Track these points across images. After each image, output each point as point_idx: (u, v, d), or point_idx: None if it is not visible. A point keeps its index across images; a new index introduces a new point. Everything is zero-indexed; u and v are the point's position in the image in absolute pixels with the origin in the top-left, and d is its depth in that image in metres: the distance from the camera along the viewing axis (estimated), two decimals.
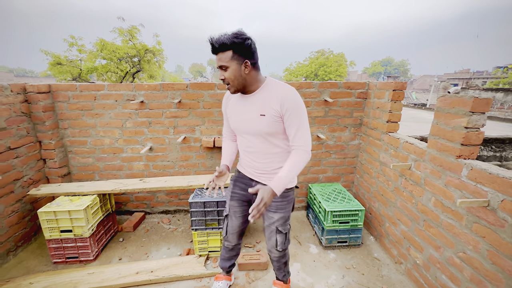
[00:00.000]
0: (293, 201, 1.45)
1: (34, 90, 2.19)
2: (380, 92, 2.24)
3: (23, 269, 1.97)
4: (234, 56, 1.11)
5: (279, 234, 1.43)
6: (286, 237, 1.46)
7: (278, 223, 1.40)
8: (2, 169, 1.97)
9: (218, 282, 1.75)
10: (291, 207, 1.44)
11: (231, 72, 1.14)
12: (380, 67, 47.86)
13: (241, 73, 1.15)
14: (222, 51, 1.11)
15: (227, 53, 1.11)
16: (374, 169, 2.33)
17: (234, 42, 1.09)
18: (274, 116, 1.19)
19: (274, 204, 1.38)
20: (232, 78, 1.16)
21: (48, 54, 10.06)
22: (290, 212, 1.44)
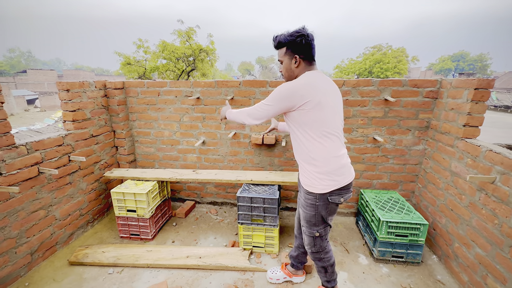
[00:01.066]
0: (315, 209, 1.38)
1: (111, 86, 2.53)
2: (456, 91, 1.93)
3: (97, 239, 2.31)
4: (286, 52, 1.30)
5: (304, 234, 1.50)
6: (314, 242, 1.47)
7: (303, 222, 1.48)
8: (86, 153, 2.33)
9: (276, 269, 1.87)
10: (315, 214, 1.39)
11: (283, 65, 1.35)
12: (450, 62, 41.59)
13: (291, 67, 1.32)
14: (279, 47, 1.32)
15: (282, 49, 1.31)
16: (442, 179, 2.04)
17: (288, 40, 1.27)
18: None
19: (300, 199, 1.48)
20: (284, 71, 1.36)
21: (121, 56, 11.58)
22: (316, 219, 1.40)
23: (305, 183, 1.38)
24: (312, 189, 1.35)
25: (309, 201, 1.38)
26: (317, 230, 1.43)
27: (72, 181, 2.21)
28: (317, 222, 1.41)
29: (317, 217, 1.40)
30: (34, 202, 1.88)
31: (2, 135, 1.66)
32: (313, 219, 1.41)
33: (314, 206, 1.37)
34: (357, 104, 2.30)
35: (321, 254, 1.50)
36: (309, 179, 1.36)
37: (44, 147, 1.94)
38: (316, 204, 1.37)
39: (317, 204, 1.37)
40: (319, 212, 1.38)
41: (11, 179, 1.71)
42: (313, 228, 1.43)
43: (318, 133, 1.27)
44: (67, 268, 1.94)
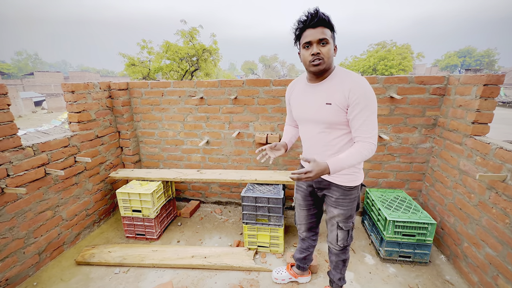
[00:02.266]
0: (358, 199, 1.40)
1: (116, 87, 2.55)
2: (464, 88, 1.88)
3: (103, 238, 2.33)
4: (332, 35, 1.13)
5: (340, 230, 1.43)
6: (348, 234, 1.44)
7: (339, 219, 1.40)
8: (91, 154, 2.35)
9: (281, 269, 1.85)
10: (355, 205, 1.40)
11: (329, 48, 1.12)
12: (456, 59, 40.84)
13: (333, 53, 1.15)
14: (325, 26, 1.10)
15: (328, 31, 1.11)
16: (450, 178, 1.99)
17: (333, 25, 1.12)
18: (340, 105, 1.16)
19: (335, 200, 1.37)
20: (329, 54, 1.13)
21: (125, 57, 11.68)
22: (353, 211, 1.40)
23: (348, 180, 1.31)
24: (355, 182, 1.33)
25: (352, 196, 1.35)
26: (352, 221, 1.43)
27: (78, 181, 2.23)
28: (354, 212, 1.41)
29: (355, 208, 1.40)
30: (41, 203, 1.91)
31: (9, 137, 1.68)
32: (353, 212, 1.40)
33: (356, 198, 1.38)
34: None
35: (348, 247, 1.51)
36: (353, 175, 1.31)
37: (50, 148, 1.96)
38: (357, 196, 1.38)
39: (358, 195, 1.38)
40: (358, 201, 1.40)
41: (18, 180, 1.73)
42: (349, 220, 1.41)
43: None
44: (74, 267, 1.96)
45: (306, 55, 1.14)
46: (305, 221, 1.61)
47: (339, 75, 1.18)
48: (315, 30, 1.09)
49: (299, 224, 1.65)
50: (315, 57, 1.12)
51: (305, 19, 1.10)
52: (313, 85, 1.24)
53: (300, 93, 1.32)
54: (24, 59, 54.68)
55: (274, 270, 1.86)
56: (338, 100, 1.16)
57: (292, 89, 1.39)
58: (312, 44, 1.11)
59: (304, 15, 1.10)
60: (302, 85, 1.31)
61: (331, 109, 1.18)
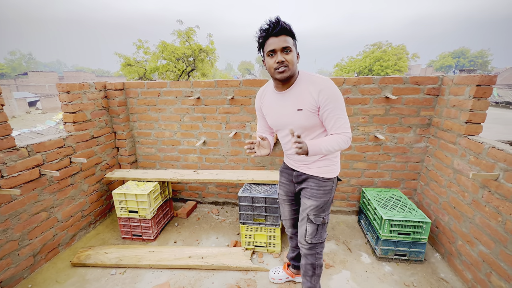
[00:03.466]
0: (331, 193, 1.41)
1: (112, 87, 2.53)
2: (458, 88, 1.91)
3: (99, 240, 2.32)
4: (294, 43, 1.18)
5: (309, 224, 1.43)
6: (317, 230, 1.43)
7: (310, 211, 1.41)
8: (87, 154, 2.34)
9: (278, 268, 1.86)
10: (329, 199, 1.41)
11: (292, 55, 1.16)
12: (451, 59, 41.35)
13: (296, 60, 1.19)
14: (287, 35, 1.14)
15: (290, 38, 1.15)
16: (444, 177, 2.02)
17: (294, 33, 1.17)
18: (311, 109, 1.21)
19: (309, 190, 1.40)
20: (293, 61, 1.17)
21: (121, 57, 11.59)
22: (326, 206, 1.41)
23: (324, 171, 1.36)
24: (331, 174, 1.37)
25: (326, 187, 1.38)
26: (323, 216, 1.42)
27: (74, 182, 2.21)
28: (327, 207, 1.42)
29: (329, 202, 1.42)
30: (36, 204, 1.89)
31: (3, 138, 1.66)
32: (325, 205, 1.41)
33: (331, 191, 1.40)
34: (358, 102, 2.29)
35: (317, 247, 1.47)
36: (329, 167, 1.36)
37: (45, 149, 1.94)
38: (332, 188, 1.40)
39: (332, 188, 1.40)
40: (332, 195, 1.42)
41: (12, 181, 1.71)
42: (320, 215, 1.41)
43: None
44: (70, 269, 1.94)
45: (271, 63, 1.17)
46: (289, 216, 1.63)
47: (304, 80, 1.23)
48: (278, 38, 1.13)
49: (284, 219, 1.67)
50: (280, 65, 1.15)
51: (268, 28, 1.13)
52: (281, 93, 1.28)
53: (271, 101, 1.34)
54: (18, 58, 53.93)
55: (271, 270, 1.87)
56: (308, 104, 1.20)
57: (262, 98, 1.41)
58: (276, 52, 1.14)
59: (266, 24, 1.14)
60: (271, 94, 1.34)
61: (303, 114, 1.22)
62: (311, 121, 1.24)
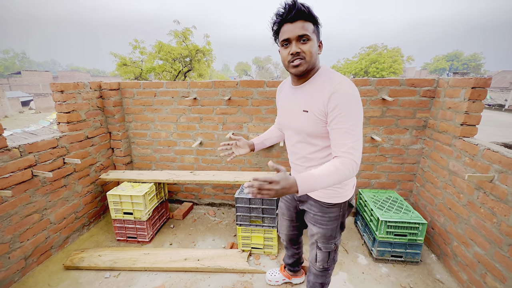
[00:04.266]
0: (340, 219, 1.23)
1: (107, 87, 2.50)
2: (453, 90, 1.93)
3: (93, 242, 2.27)
4: (315, 30, 0.97)
5: (319, 251, 1.30)
6: (329, 256, 1.31)
7: (318, 238, 1.27)
8: (81, 155, 2.30)
9: (275, 270, 1.83)
10: (337, 225, 1.23)
11: (311, 45, 0.95)
12: (445, 62, 42.01)
13: (316, 51, 0.99)
14: (305, 19, 0.94)
15: (309, 25, 0.94)
16: (440, 178, 2.04)
17: (315, 17, 0.96)
18: (318, 113, 0.99)
19: (313, 216, 1.24)
20: (312, 52, 0.96)
21: (117, 56, 11.49)
22: (335, 232, 1.23)
23: (326, 196, 1.16)
24: (338, 199, 1.16)
25: (332, 214, 1.19)
26: (334, 242, 1.26)
27: (67, 183, 2.17)
28: (337, 233, 1.25)
29: (338, 228, 1.23)
30: (27, 206, 1.84)
31: None
32: (334, 232, 1.22)
33: (338, 217, 1.20)
34: None
35: (329, 270, 1.37)
36: (333, 191, 1.15)
37: (38, 150, 1.90)
38: (339, 215, 1.20)
39: (341, 214, 1.20)
40: (341, 221, 1.22)
41: (3, 182, 1.67)
42: (331, 242, 1.25)
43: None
44: (63, 272, 1.90)
45: (284, 54, 0.98)
46: (286, 231, 1.52)
47: (323, 76, 1.02)
48: (293, 25, 0.93)
49: (280, 232, 1.58)
50: (295, 57, 0.96)
51: (283, 12, 0.94)
52: (295, 88, 1.10)
53: (285, 96, 1.19)
54: (11, 57, 53.13)
55: (267, 272, 1.85)
56: (316, 107, 0.99)
57: (280, 91, 1.26)
58: (291, 41, 0.95)
59: (282, 8, 0.94)
60: (287, 88, 1.17)
61: (308, 118, 1.02)
62: (315, 127, 1.03)
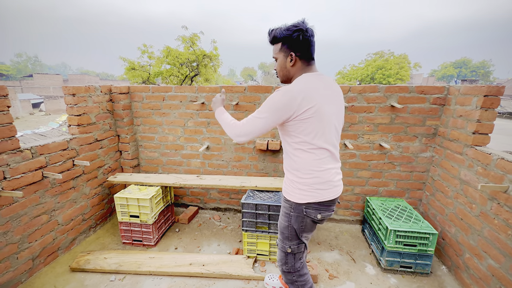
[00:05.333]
0: (290, 220, 1.27)
1: (117, 91, 2.54)
2: (464, 98, 1.90)
3: (99, 244, 2.28)
4: (282, 48, 1.17)
5: (278, 249, 1.40)
6: (285, 259, 1.35)
7: (279, 232, 1.38)
8: (90, 157, 2.33)
9: (275, 276, 1.82)
10: (287, 224, 1.28)
11: (278, 63, 1.22)
12: (452, 69, 41.61)
13: (286, 65, 1.19)
14: (275, 43, 1.19)
15: (277, 45, 1.18)
16: (451, 188, 1.99)
17: (283, 35, 1.13)
18: None
19: (282, 205, 1.37)
20: (278, 69, 1.23)
21: (125, 61, 11.71)
22: (287, 231, 1.30)
23: (284, 189, 1.31)
24: (289, 196, 1.26)
25: (285, 209, 1.31)
26: (289, 245, 1.31)
27: (76, 185, 2.19)
28: (290, 235, 1.30)
29: (290, 229, 1.29)
30: (37, 207, 1.87)
31: (7, 139, 1.66)
32: (286, 231, 1.31)
33: (289, 216, 1.28)
34: (363, 110, 2.28)
35: (293, 276, 1.38)
36: (288, 186, 1.28)
37: (49, 151, 1.93)
38: (290, 214, 1.27)
39: (291, 215, 1.27)
40: (292, 224, 1.27)
41: (15, 183, 1.70)
42: (285, 241, 1.33)
43: (307, 145, 1.15)
44: (69, 274, 1.91)
45: None
46: None
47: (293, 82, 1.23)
48: (272, 47, 1.21)
49: None
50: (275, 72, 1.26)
51: None
52: None
53: None
54: (24, 61, 54.68)
55: (267, 275, 1.83)
56: None
57: None
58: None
59: None
60: None
61: None
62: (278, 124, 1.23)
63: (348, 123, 2.33)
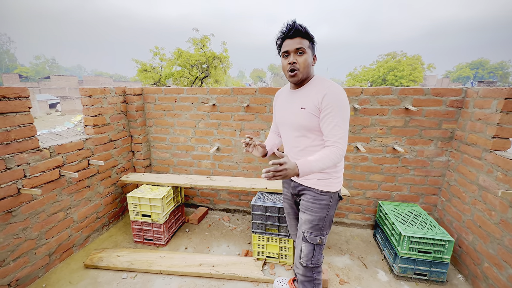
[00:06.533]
0: (329, 210, 1.34)
1: (131, 92, 2.60)
2: (483, 101, 1.84)
3: (112, 242, 2.33)
4: (310, 45, 1.20)
5: (305, 243, 1.37)
6: (313, 251, 1.36)
7: (305, 228, 1.36)
8: (104, 157, 2.39)
9: (284, 280, 1.81)
10: (325, 216, 1.34)
11: (306, 58, 1.18)
12: (469, 70, 40.25)
13: (310, 63, 1.22)
14: (303, 37, 1.17)
15: (306, 41, 1.18)
16: (468, 193, 1.92)
17: (311, 35, 1.19)
18: (313, 110, 1.20)
19: (305, 203, 1.36)
20: (306, 64, 1.19)
21: (138, 63, 11.98)
22: (322, 223, 1.34)
23: (321, 184, 1.31)
24: (329, 188, 1.31)
25: (323, 202, 1.32)
26: (320, 236, 1.35)
27: (91, 184, 2.25)
28: (324, 225, 1.35)
29: (326, 219, 1.34)
30: (54, 204, 1.93)
31: (28, 139, 1.73)
32: (321, 222, 1.34)
33: (328, 206, 1.33)
34: (376, 113, 2.24)
35: (314, 273, 1.40)
36: (327, 180, 1.31)
37: (66, 151, 1.99)
38: (329, 204, 1.33)
39: (331, 204, 1.33)
40: (330, 213, 1.34)
41: (34, 181, 1.76)
42: (317, 234, 1.35)
43: None
44: (83, 271, 1.96)
45: (284, 64, 1.22)
46: (295, 231, 1.59)
47: (316, 82, 1.24)
48: (292, 40, 1.17)
49: (292, 234, 1.65)
50: (291, 66, 1.19)
51: (285, 31, 1.18)
52: (293, 92, 1.31)
53: (283, 99, 1.39)
54: (42, 63, 56.91)
55: (276, 279, 1.82)
56: (311, 105, 1.20)
57: (277, 96, 1.46)
58: (290, 53, 1.19)
59: (284, 27, 1.18)
60: (286, 92, 1.38)
61: (305, 114, 1.22)
62: (310, 122, 1.23)
63: (360, 125, 2.30)
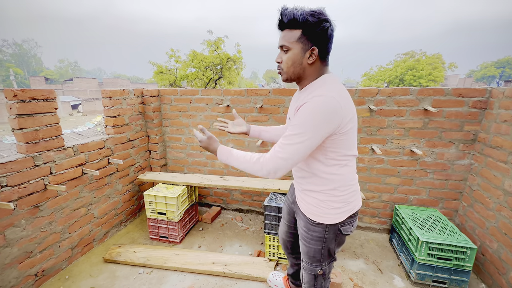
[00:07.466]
0: (326, 243, 1.12)
1: (148, 94, 2.69)
2: (510, 102, 1.74)
3: (129, 238, 2.42)
4: (301, 38, 0.90)
5: (304, 271, 1.25)
6: (315, 281, 1.22)
7: (303, 256, 1.23)
8: (123, 156, 2.48)
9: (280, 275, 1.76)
10: (321, 248, 1.13)
11: (290, 56, 0.93)
12: (494, 69, 38.12)
13: (301, 61, 0.93)
14: (290, 28, 0.91)
15: (295, 32, 0.90)
16: (493, 199, 1.83)
17: (307, 20, 0.87)
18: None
19: (300, 230, 1.20)
20: (289, 63, 0.94)
21: (154, 65, 12.35)
22: (319, 255, 1.15)
23: (312, 211, 1.10)
24: (322, 219, 1.08)
25: (316, 233, 1.11)
26: (320, 267, 1.19)
27: (110, 182, 2.35)
28: (323, 257, 1.16)
29: (323, 252, 1.14)
30: (76, 200, 2.03)
31: (54, 138, 1.83)
32: (318, 255, 1.15)
33: (322, 239, 1.11)
34: (393, 114, 2.18)
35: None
36: (319, 208, 1.08)
37: (88, 150, 2.10)
38: (324, 237, 1.11)
39: (326, 237, 1.11)
40: (327, 245, 1.13)
41: (59, 178, 1.87)
42: (316, 264, 1.18)
43: (344, 159, 1.01)
44: (102, 264, 2.05)
45: None
46: (283, 235, 1.51)
47: (314, 86, 0.96)
48: (281, 33, 0.95)
49: (280, 237, 1.56)
50: (278, 66, 0.99)
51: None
52: (297, 93, 1.09)
53: (292, 100, 1.18)
54: (65, 66, 60.05)
55: (271, 273, 1.80)
56: (292, 114, 1.00)
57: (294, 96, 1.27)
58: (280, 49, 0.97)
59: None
60: (296, 93, 1.16)
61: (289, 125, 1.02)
62: None
63: (376, 127, 2.25)
